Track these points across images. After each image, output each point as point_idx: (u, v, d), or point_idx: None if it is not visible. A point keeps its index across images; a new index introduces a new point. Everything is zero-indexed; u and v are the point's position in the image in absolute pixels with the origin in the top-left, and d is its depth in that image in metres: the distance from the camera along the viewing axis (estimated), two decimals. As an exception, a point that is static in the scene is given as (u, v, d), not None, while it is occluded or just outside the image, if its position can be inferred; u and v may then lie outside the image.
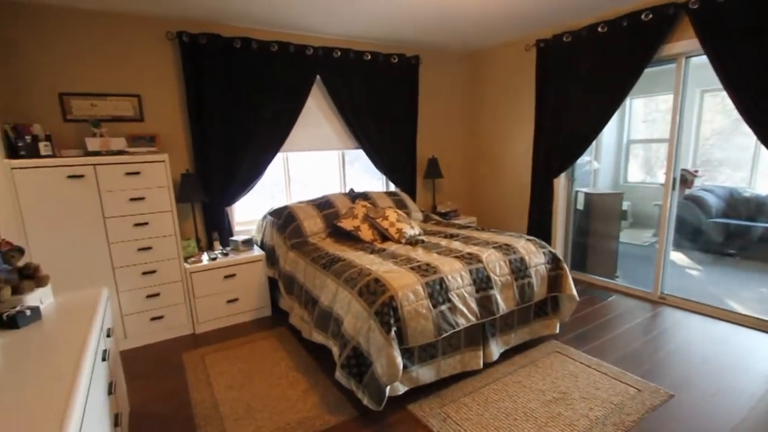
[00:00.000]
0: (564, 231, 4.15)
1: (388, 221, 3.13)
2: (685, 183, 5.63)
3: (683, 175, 5.66)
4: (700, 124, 5.93)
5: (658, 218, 5.26)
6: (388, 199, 3.76)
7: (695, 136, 5.96)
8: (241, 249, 3.39)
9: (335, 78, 3.84)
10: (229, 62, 3.36)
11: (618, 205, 4.21)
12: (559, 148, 3.84)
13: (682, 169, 5.71)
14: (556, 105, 3.81)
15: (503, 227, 4.62)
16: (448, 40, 4.17)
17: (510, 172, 4.48)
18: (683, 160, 6.07)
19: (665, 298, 3.44)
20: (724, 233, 4.85)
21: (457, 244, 2.84)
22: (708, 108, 5.87)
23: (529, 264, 2.63)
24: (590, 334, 2.90)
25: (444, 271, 2.30)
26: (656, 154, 6.54)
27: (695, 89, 5.75)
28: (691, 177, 5.68)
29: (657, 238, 5.83)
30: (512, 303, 2.51)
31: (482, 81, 4.66)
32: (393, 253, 2.67)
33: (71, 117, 3.00)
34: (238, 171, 3.50)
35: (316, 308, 2.49)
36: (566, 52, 3.66)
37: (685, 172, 5.68)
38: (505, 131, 4.48)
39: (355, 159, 4.40)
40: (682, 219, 5.25)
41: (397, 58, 4.12)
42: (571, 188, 4.10)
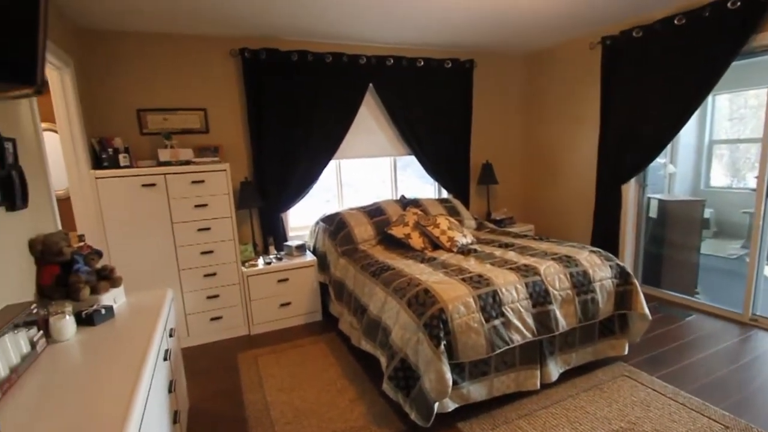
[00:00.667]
0: (634, 242, 3.81)
1: (439, 229, 3.05)
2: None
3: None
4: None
5: (749, 228, 4.69)
6: (439, 206, 3.69)
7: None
8: (295, 254, 3.49)
9: (388, 85, 3.85)
10: (287, 74, 3.49)
11: (699, 214, 3.79)
12: (628, 151, 3.54)
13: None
14: (626, 106, 3.51)
15: (564, 237, 4.34)
16: (504, 42, 4.02)
17: (571, 178, 4.21)
18: None
19: (757, 319, 3.03)
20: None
21: (512, 254, 2.70)
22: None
23: (593, 278, 2.43)
24: (665, 358, 2.61)
25: (497, 283, 2.19)
26: (745, 156, 5.83)
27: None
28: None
29: (747, 251, 5.22)
30: (573, 320, 2.32)
31: (541, 82, 4.43)
32: (444, 263, 2.60)
33: (147, 131, 3.27)
34: (292, 178, 3.61)
35: (364, 316, 2.48)
36: (636, 49, 3.37)
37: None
38: (566, 134, 4.22)
39: (407, 165, 4.37)
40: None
41: (451, 62, 4.04)
42: (643, 195, 3.76)
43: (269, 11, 2.86)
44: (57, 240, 1.74)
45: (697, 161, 5.98)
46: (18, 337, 1.30)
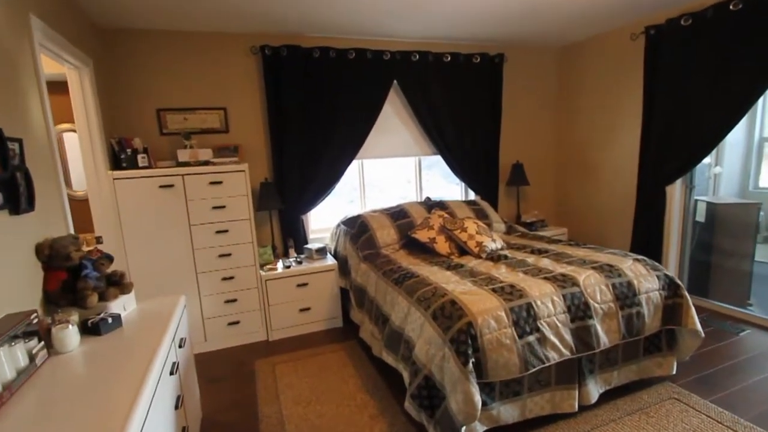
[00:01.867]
0: (679, 248, 3.51)
1: (466, 233, 2.87)
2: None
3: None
4: None
5: None
6: (467, 208, 3.49)
7: None
8: (315, 257, 3.37)
9: (413, 82, 3.69)
10: (308, 71, 3.38)
11: (753, 217, 3.45)
12: (674, 150, 3.25)
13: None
14: (672, 101, 3.23)
15: (600, 242, 4.07)
16: (536, 35, 3.79)
17: (610, 179, 3.93)
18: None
19: (826, 338, 2.70)
20: None
21: (546, 262, 2.49)
22: None
23: (638, 290, 2.20)
24: (719, 379, 2.34)
25: (532, 294, 1.99)
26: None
27: None
28: None
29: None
30: (616, 336, 2.10)
31: (576, 78, 4.17)
32: (472, 270, 2.41)
33: (167, 131, 3.23)
34: (314, 179, 3.50)
35: (386, 326, 2.33)
36: (685, 39, 3.08)
37: None
38: (604, 133, 3.95)
39: (432, 165, 4.20)
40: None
41: (479, 57, 3.84)
42: (690, 197, 3.46)
43: (290, 5, 2.75)
44: (65, 244, 1.66)
45: (745, 160, 5.53)
46: (15, 349, 1.22)
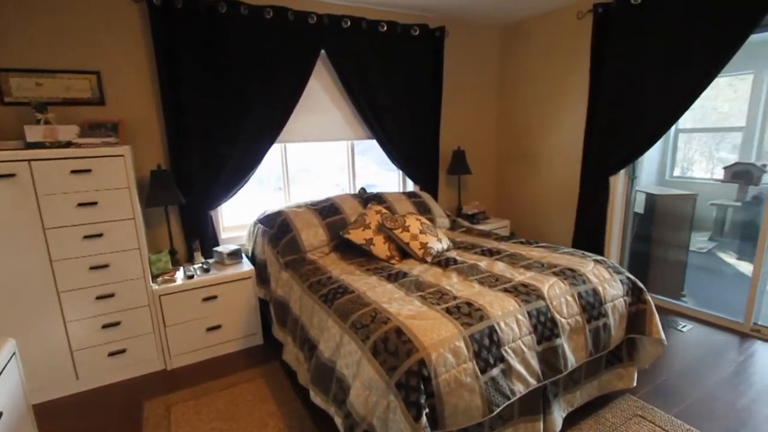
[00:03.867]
0: (620, 240, 3.41)
1: (408, 233, 2.45)
2: (749, 179, 4.82)
3: (748, 170, 4.84)
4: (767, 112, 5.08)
5: (716, 221, 4.47)
6: (407, 201, 3.07)
7: (761, 125, 5.12)
8: (227, 263, 2.76)
9: (344, 53, 3.14)
10: (213, 32, 2.69)
11: (690, 209, 3.45)
12: (620, 139, 3.09)
13: (747, 163, 4.90)
14: (619, 86, 3.04)
15: (543, 233, 3.90)
16: (478, 9, 3.42)
17: (553, 168, 3.74)
18: (747, 152, 5.25)
19: (759, 330, 2.71)
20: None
21: (501, 266, 2.15)
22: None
23: (604, 298, 1.93)
24: (677, 388, 2.19)
25: (494, 314, 1.62)
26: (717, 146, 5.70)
27: (764, 71, 4.90)
28: (758, 173, 4.84)
29: (715, 244, 5.09)
30: (583, 354, 1.82)
31: (520, 59, 3.90)
32: (418, 281, 1.99)
33: (10, 99, 2.37)
34: (223, 166, 2.85)
35: (313, 356, 1.83)
36: (634, 18, 2.89)
37: (751, 167, 4.86)
38: (548, 119, 3.73)
39: (366, 150, 3.72)
40: (750, 223, 4.47)
41: (419, 29, 3.39)
42: (632, 188, 3.36)
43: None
44: None
45: (662, 151, 5.78)
46: None
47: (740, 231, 4.71)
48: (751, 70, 4.91)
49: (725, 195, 4.94)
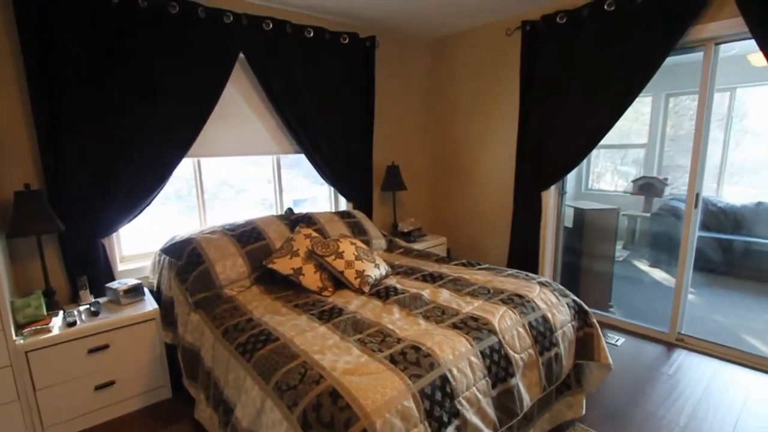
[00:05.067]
0: (553, 255, 3.44)
1: (343, 260, 2.17)
2: (654, 192, 5.24)
3: (651, 183, 5.27)
4: (665, 129, 5.63)
5: (630, 230, 4.73)
6: (340, 222, 2.80)
7: (660, 141, 5.66)
8: (124, 302, 2.27)
9: (267, 58, 2.82)
10: (105, 26, 2.23)
11: (614, 222, 3.59)
12: (550, 155, 3.12)
13: (651, 177, 5.33)
14: (548, 103, 3.07)
15: (480, 249, 3.85)
16: (407, 21, 3.31)
17: (488, 183, 3.71)
18: (649, 166, 5.75)
19: (683, 339, 2.82)
20: (714, 249, 4.45)
21: (446, 294, 1.96)
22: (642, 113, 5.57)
23: (554, 326, 1.81)
24: (623, 410, 2.13)
25: (444, 359, 1.40)
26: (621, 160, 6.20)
27: (661, 93, 5.42)
28: (661, 185, 5.28)
29: (629, 252, 5.48)
30: (537, 390, 1.67)
31: (452, 73, 3.85)
32: (356, 321, 1.72)
33: None
34: (121, 184, 2.37)
35: (229, 424, 1.48)
36: (561, 37, 2.93)
37: (654, 180, 5.29)
38: (480, 134, 3.70)
39: (294, 163, 3.40)
40: (660, 233, 4.83)
41: (348, 37, 3.18)
42: (562, 203, 3.41)
43: None
44: None
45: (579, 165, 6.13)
46: None
47: (649, 240, 5.07)
48: (651, 93, 5.43)
49: (633, 206, 5.32)
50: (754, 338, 2.93)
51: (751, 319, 3.28)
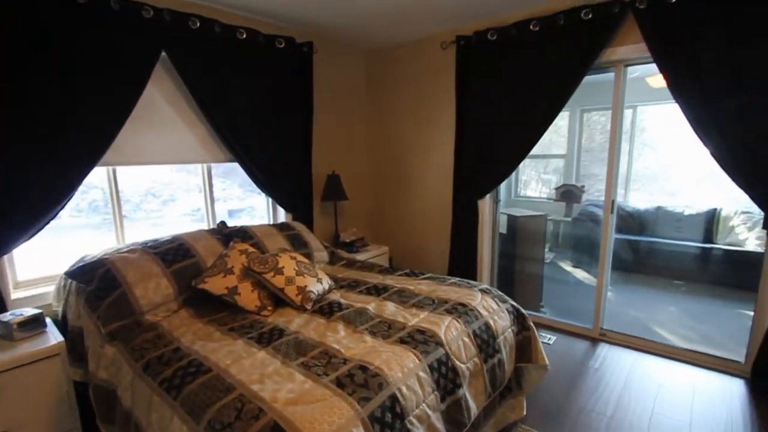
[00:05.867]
0: (490, 261, 3.58)
1: (283, 276, 2.05)
2: (573, 198, 5.68)
3: (571, 190, 5.71)
4: (581, 141, 6.16)
5: (554, 234, 5.08)
6: (279, 235, 2.66)
7: (577, 152, 6.18)
8: (18, 336, 1.93)
9: (193, 59, 2.61)
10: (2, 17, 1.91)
11: (543, 227, 3.82)
12: (485, 165, 3.24)
13: (570, 185, 5.78)
14: (481, 115, 3.19)
15: (421, 258, 3.89)
16: (345, 29, 3.29)
17: (428, 192, 3.77)
18: (568, 175, 6.25)
19: (605, 334, 3.06)
20: (625, 249, 4.91)
21: (391, 307, 1.92)
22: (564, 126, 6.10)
23: (496, 332, 1.85)
24: (560, 406, 2.23)
25: (393, 378, 1.35)
26: (544, 169, 6.69)
27: (576, 108, 5.93)
28: (579, 192, 5.74)
29: (554, 254, 5.89)
30: (483, 398, 1.69)
31: (393, 83, 3.87)
32: (298, 342, 1.61)
33: None
34: (16, 197, 2.03)
35: (154, 471, 1.30)
36: (492, 54, 3.07)
37: (573, 188, 5.74)
38: (421, 144, 3.76)
39: (229, 171, 3.20)
40: (580, 236, 5.25)
41: (284, 41, 3.06)
42: (497, 210, 3.56)
43: None
44: None
45: (510, 173, 6.51)
46: None
47: (571, 242, 5.49)
48: (568, 109, 5.93)
49: (556, 211, 5.73)
50: (662, 329, 3.26)
51: (658, 312, 3.65)
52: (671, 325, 3.33)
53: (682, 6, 2.29)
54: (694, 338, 3.07)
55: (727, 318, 3.49)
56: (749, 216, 4.45)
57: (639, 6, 2.43)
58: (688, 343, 2.93)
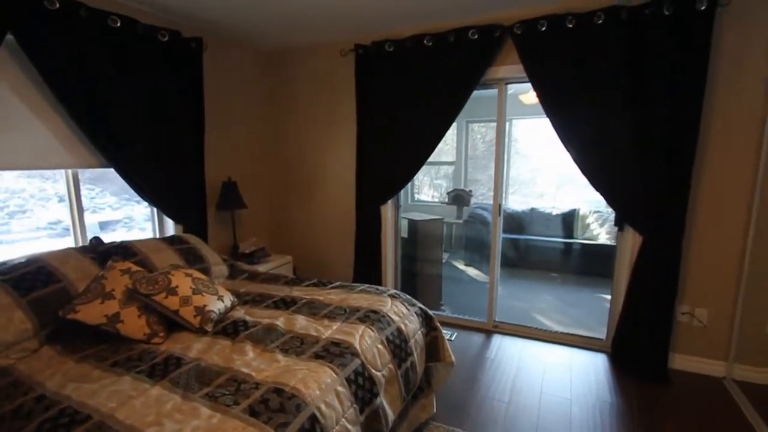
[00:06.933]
0: (394, 265, 3.68)
1: (177, 296, 1.83)
2: (463, 202, 6.18)
3: (461, 194, 6.21)
4: (467, 150, 6.73)
5: (448, 235, 5.45)
6: (169, 250, 2.37)
7: (464, 160, 6.74)
8: None
9: (51, 46, 2.20)
10: None
11: (440, 230, 4.06)
12: (387, 170, 3.33)
13: (460, 189, 6.28)
14: (381, 124, 3.28)
15: (326, 265, 3.83)
16: (242, 28, 3.11)
17: (331, 199, 3.74)
18: (457, 180, 6.78)
19: (498, 325, 3.36)
20: (508, 247, 5.48)
21: (302, 321, 1.85)
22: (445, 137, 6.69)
23: (408, 336, 1.90)
24: (465, 400, 2.38)
25: (311, 397, 1.29)
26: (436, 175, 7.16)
27: (463, 120, 6.48)
28: (467, 197, 6.25)
29: (449, 254, 6.32)
30: (399, 402, 1.72)
31: (293, 87, 3.75)
32: (200, 370, 1.45)
33: None
34: None
35: None
36: (390, 64, 3.17)
37: (462, 192, 6.24)
38: (323, 150, 3.71)
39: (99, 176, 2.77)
40: (471, 237, 5.72)
41: (168, 34, 2.76)
42: (398, 215, 3.68)
43: None
44: None
45: (407, 178, 6.83)
46: None
47: (464, 243, 5.95)
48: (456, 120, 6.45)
49: (449, 214, 6.15)
50: (542, 316, 3.71)
51: (538, 301, 4.16)
52: (550, 312, 3.81)
53: (550, 33, 2.64)
54: (567, 322, 3.56)
55: (592, 302, 4.13)
56: (600, 215, 5.34)
57: (516, 32, 2.74)
58: (563, 326, 3.38)
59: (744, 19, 2.29)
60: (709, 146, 2.46)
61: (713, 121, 2.43)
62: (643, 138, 2.48)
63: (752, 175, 2.39)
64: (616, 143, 2.57)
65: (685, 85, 2.35)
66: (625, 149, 2.54)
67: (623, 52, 2.46)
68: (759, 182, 2.36)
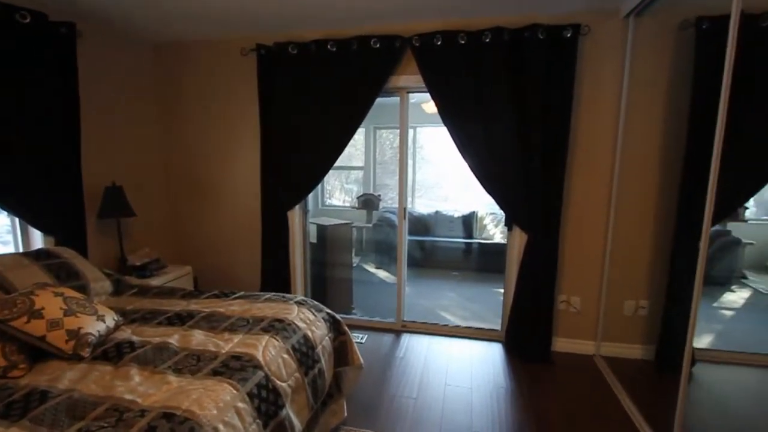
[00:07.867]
0: (303, 271, 3.61)
1: (43, 320, 1.57)
2: (372, 206, 6.32)
3: (370, 199, 6.34)
4: (375, 155, 6.91)
5: (358, 239, 5.55)
6: (33, 266, 2.02)
7: (373, 165, 6.91)
8: None
9: None
10: None
11: (349, 235, 4.09)
12: (293, 175, 3.26)
13: (369, 194, 6.41)
14: (286, 127, 3.20)
15: (231, 275, 3.62)
16: (126, 16, 2.80)
17: (235, 204, 3.54)
18: (366, 185, 6.92)
19: (406, 325, 3.49)
20: (415, 248, 5.71)
21: (199, 336, 1.72)
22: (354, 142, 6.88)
23: (315, 342, 1.88)
24: (375, 399, 2.42)
25: (207, 418, 1.21)
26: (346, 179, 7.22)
27: (371, 126, 6.64)
28: (376, 201, 6.40)
29: (360, 257, 6.39)
30: (306, 412, 1.68)
31: (188, 84, 3.47)
32: (72, 403, 1.26)
33: None
34: None
35: None
36: (294, 67, 3.11)
37: (372, 196, 6.38)
38: (223, 152, 3.50)
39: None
40: (380, 240, 5.85)
41: (30, 16, 2.38)
42: (306, 220, 3.62)
43: None
44: None
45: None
46: None
47: (373, 246, 6.07)
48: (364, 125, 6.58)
49: (359, 218, 6.24)
50: (446, 312, 3.94)
51: (442, 298, 4.40)
52: (452, 308, 4.06)
53: (444, 48, 2.83)
54: (468, 316, 3.83)
55: (489, 297, 4.49)
56: (495, 216, 5.85)
57: (415, 43, 2.89)
58: (465, 321, 3.63)
59: (599, 44, 2.71)
60: (576, 152, 2.85)
61: (579, 128, 2.82)
62: (525, 146, 2.79)
63: (610, 177, 2.82)
64: (503, 152, 2.84)
65: (556, 98, 2.70)
66: (511, 157, 2.83)
67: (506, 68, 2.74)
68: (615, 183, 2.80)
